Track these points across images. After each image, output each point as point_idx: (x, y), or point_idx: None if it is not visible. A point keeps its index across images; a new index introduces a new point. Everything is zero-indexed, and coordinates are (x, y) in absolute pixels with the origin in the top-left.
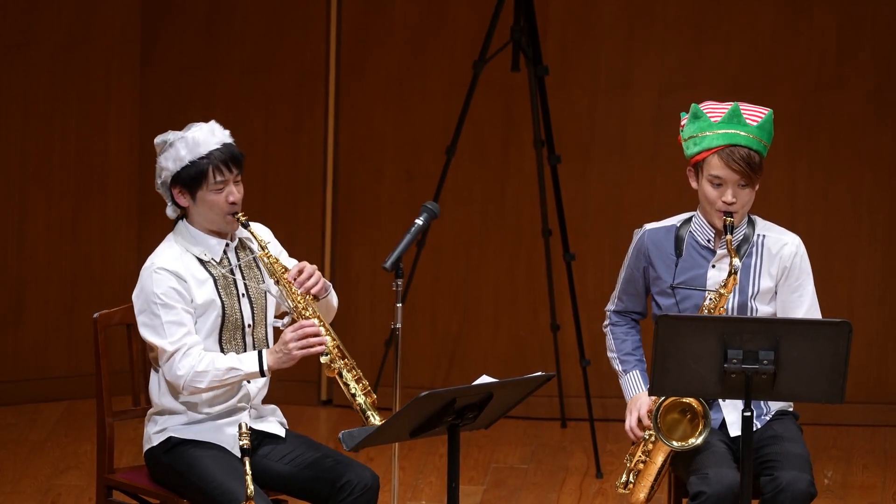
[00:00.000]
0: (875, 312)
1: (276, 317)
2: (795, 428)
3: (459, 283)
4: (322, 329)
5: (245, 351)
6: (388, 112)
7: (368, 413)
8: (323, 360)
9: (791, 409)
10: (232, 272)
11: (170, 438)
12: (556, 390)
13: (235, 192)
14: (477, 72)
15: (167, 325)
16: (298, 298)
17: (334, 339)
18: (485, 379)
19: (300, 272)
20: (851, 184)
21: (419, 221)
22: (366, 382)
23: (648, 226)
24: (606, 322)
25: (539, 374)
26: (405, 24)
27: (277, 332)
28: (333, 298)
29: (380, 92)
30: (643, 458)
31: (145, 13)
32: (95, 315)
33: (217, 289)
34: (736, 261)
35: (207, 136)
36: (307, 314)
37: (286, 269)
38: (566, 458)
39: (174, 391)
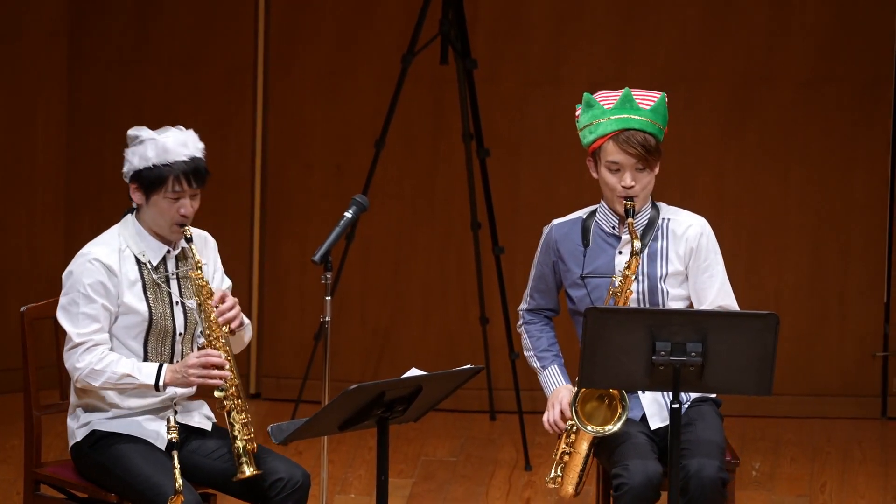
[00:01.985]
0: (803, 305)
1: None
2: (711, 412)
3: (389, 277)
4: (227, 363)
5: (172, 358)
6: (318, 106)
7: (244, 460)
8: (217, 394)
9: (711, 395)
10: (167, 280)
11: (94, 432)
12: (485, 383)
13: (189, 206)
14: (406, 65)
15: (82, 316)
16: (214, 326)
17: (235, 378)
18: (414, 372)
19: (222, 300)
20: (780, 176)
21: (348, 214)
22: (252, 430)
23: (555, 221)
24: (520, 322)
25: (468, 366)
26: (334, 18)
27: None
28: (247, 335)
29: (309, 86)
30: (567, 449)
31: (73, 7)
32: (22, 309)
33: (145, 293)
34: (636, 242)
35: (177, 146)
36: (217, 345)
37: (212, 294)
38: (495, 451)
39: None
